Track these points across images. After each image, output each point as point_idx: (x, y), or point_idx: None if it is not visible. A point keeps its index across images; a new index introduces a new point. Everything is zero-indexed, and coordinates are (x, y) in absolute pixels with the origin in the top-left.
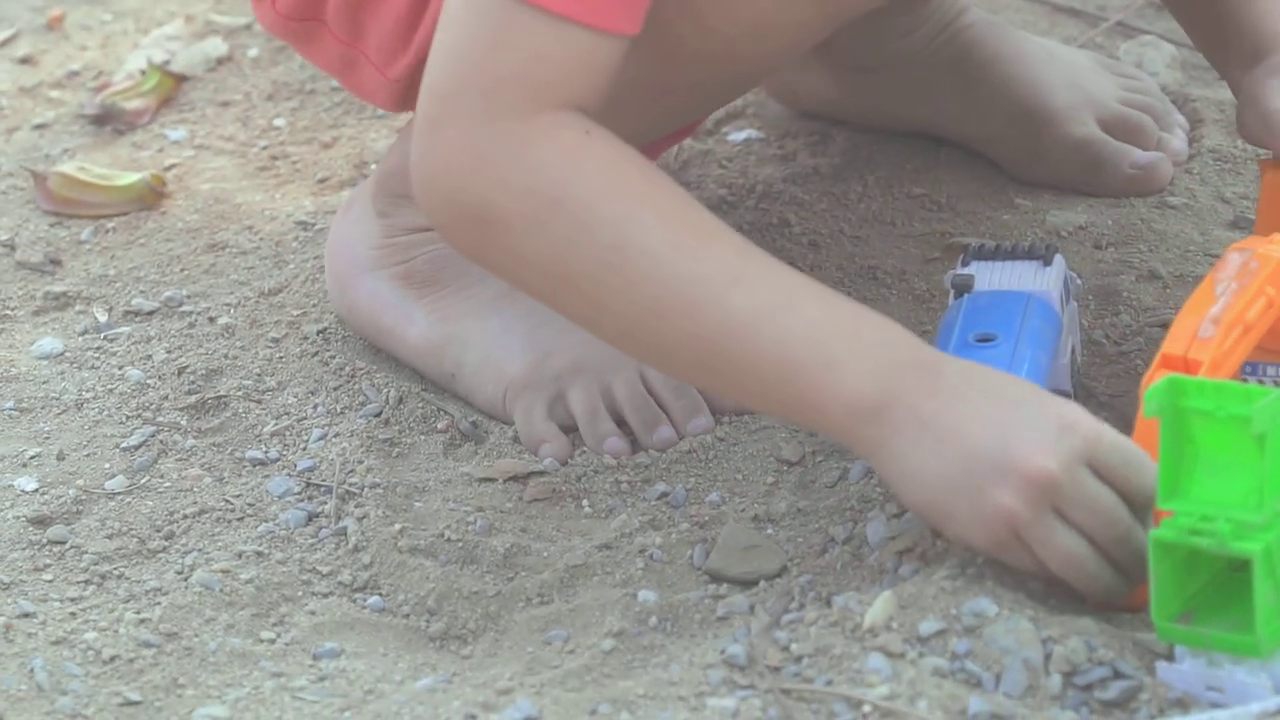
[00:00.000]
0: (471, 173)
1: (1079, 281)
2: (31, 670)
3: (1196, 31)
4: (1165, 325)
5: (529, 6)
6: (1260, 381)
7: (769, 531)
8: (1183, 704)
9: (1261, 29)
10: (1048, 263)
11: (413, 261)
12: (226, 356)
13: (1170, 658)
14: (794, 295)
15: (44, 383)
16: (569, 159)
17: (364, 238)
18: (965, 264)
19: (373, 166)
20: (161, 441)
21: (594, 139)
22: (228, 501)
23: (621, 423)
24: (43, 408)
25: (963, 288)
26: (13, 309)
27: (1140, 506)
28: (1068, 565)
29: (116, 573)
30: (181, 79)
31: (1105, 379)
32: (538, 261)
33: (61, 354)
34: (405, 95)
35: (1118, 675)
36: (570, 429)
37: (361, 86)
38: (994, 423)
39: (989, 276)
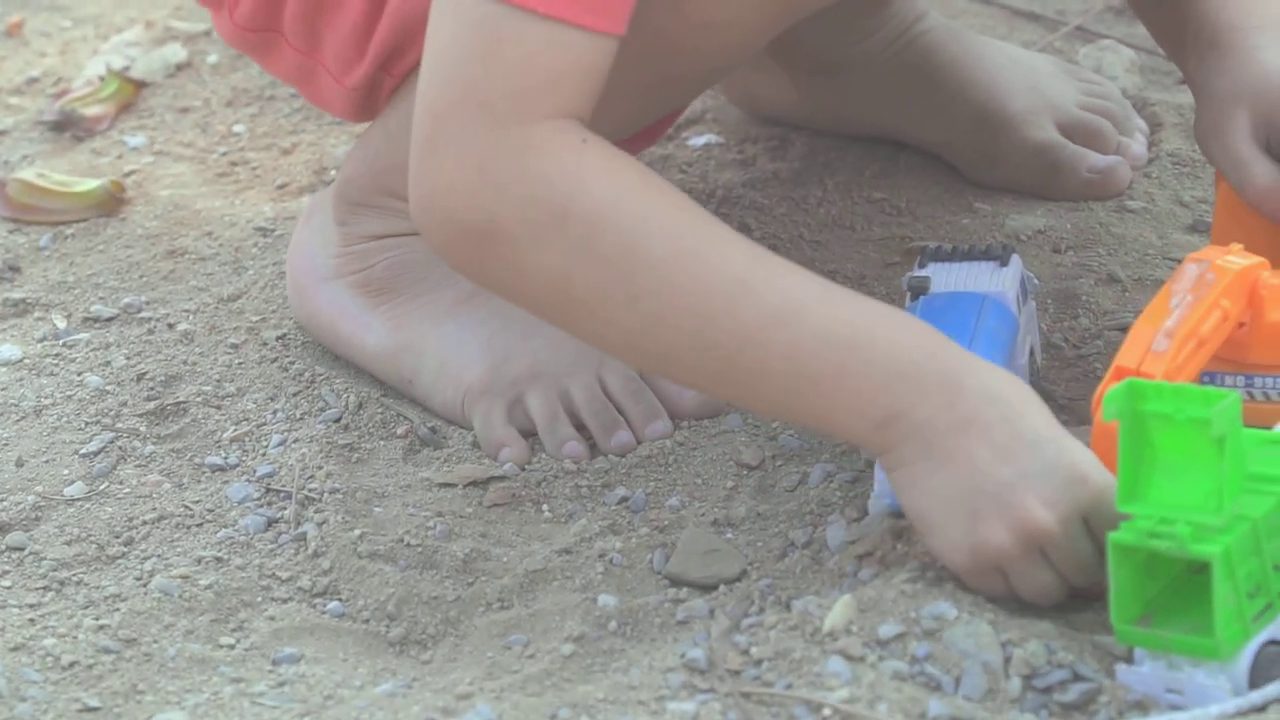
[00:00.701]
0: (473, 187)
1: (1037, 281)
2: None
3: (1151, 19)
4: (1124, 329)
5: (517, 10)
6: None
7: (729, 536)
8: (1142, 706)
9: (1219, 21)
10: (1004, 263)
11: (371, 269)
12: (186, 363)
13: (1130, 660)
14: (804, 304)
15: (2, 389)
16: (570, 169)
17: (323, 246)
18: (922, 266)
19: (333, 172)
20: (120, 448)
21: (591, 147)
22: (187, 507)
23: (580, 427)
24: (1, 414)
25: (919, 289)
26: None
27: None
28: (1038, 596)
29: (75, 579)
30: (141, 85)
31: (1065, 382)
32: (542, 276)
33: (20, 360)
34: (363, 104)
35: (1077, 678)
36: (529, 433)
37: (319, 96)
38: (1006, 459)
39: (945, 278)
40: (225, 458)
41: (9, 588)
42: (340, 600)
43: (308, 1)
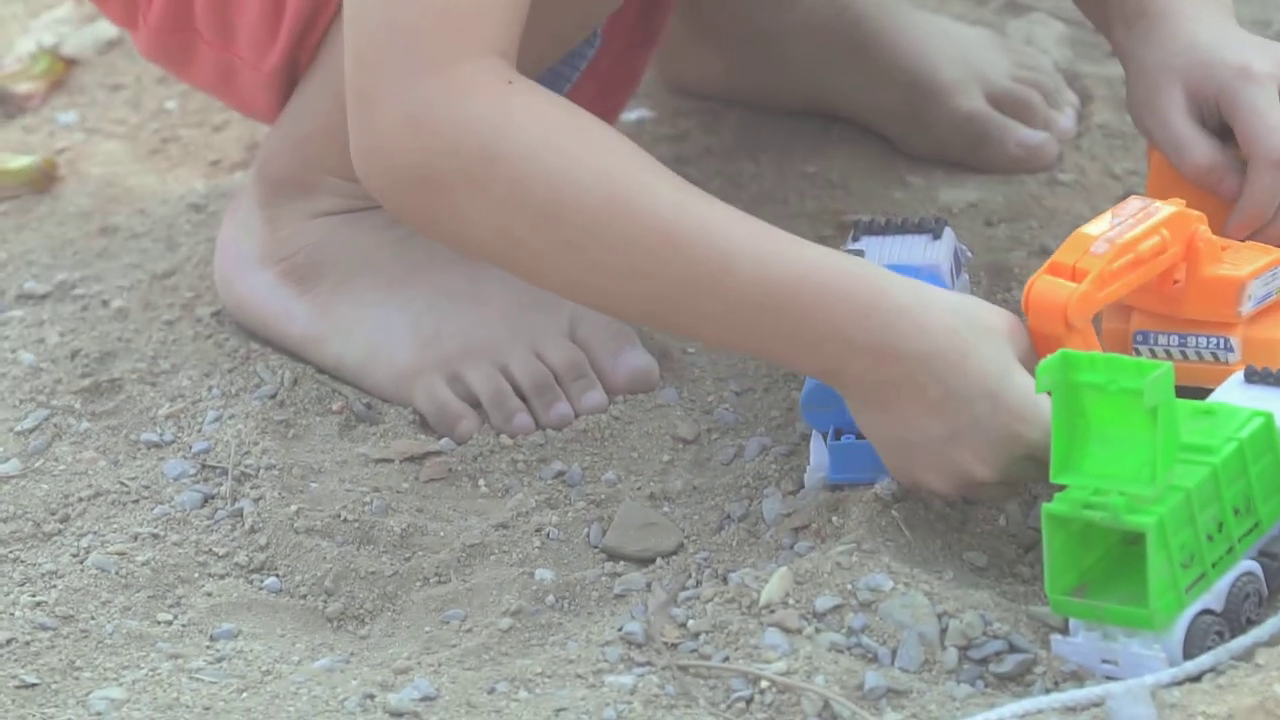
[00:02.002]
0: (408, 133)
1: (969, 254)
2: None
3: None
4: None
5: None
6: (1152, 351)
7: (665, 509)
8: (1077, 677)
9: None
10: (937, 236)
11: (295, 256)
12: (120, 339)
13: (1065, 631)
14: (733, 258)
15: None
16: (497, 113)
17: (248, 235)
18: (855, 239)
19: None
20: (56, 425)
21: (517, 88)
22: (123, 484)
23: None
24: None
25: None
26: None
27: None
28: (973, 499)
29: (12, 556)
30: (71, 62)
31: None
32: (482, 220)
33: None
34: (283, 91)
35: (1013, 649)
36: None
37: (241, 96)
38: (938, 416)
39: (879, 251)
40: (161, 434)
41: None
42: (277, 576)
43: None
